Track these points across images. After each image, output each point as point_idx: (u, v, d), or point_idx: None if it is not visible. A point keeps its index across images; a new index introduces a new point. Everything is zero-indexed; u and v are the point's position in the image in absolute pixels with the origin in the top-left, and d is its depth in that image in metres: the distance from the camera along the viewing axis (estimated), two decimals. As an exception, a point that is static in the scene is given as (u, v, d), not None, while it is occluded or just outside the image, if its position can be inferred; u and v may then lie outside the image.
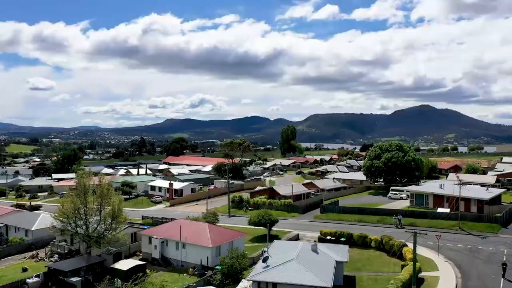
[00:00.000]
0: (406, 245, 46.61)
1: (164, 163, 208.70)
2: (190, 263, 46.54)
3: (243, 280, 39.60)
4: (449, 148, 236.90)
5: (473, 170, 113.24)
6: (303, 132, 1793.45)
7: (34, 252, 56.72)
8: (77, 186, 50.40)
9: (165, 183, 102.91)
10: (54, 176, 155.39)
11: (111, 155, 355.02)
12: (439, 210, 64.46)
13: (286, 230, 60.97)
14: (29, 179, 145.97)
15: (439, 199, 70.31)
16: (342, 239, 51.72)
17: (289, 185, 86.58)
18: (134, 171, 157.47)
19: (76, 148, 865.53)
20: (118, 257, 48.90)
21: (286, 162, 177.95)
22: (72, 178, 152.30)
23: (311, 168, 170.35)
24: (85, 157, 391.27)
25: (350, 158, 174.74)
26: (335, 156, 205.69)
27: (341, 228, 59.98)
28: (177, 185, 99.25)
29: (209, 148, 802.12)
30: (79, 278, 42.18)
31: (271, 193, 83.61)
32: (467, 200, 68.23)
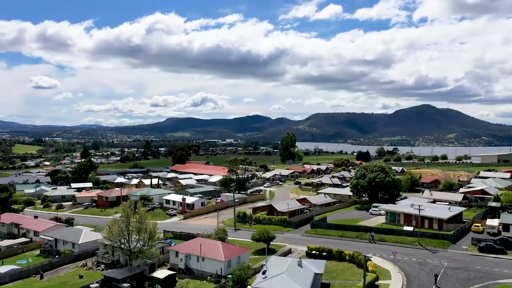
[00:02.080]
0: (370, 260, 62.34)
1: (172, 170, 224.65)
2: (208, 272, 62.31)
3: (248, 286, 55.22)
4: (438, 157, 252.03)
5: (449, 185, 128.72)
6: (304, 131, 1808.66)
7: (83, 262, 72.63)
8: (122, 214, 66.12)
9: (178, 197, 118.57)
10: (73, 185, 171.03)
11: (118, 159, 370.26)
12: (405, 228, 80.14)
13: (281, 244, 76.64)
14: (52, 189, 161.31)
15: (408, 217, 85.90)
16: (324, 253, 67.28)
17: (285, 202, 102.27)
18: (146, 181, 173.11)
19: (80, 147, 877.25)
20: (152, 267, 64.82)
21: (285, 172, 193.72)
22: (91, 188, 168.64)
23: (308, 178, 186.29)
24: (92, 159, 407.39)
25: (345, 169, 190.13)
26: (331, 165, 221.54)
27: (326, 242, 75.86)
28: (189, 200, 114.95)
29: (211, 148, 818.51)
30: (129, 284, 58.06)
31: (270, 209, 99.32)
32: (430, 219, 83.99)
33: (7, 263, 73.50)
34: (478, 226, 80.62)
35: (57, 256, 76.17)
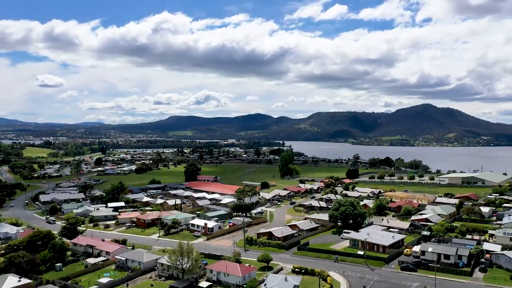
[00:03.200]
0: (329, 275, 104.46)
1: (187, 188, 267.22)
2: (231, 283, 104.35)
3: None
4: (415, 176, 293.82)
5: (407, 211, 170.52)
6: (305, 130, 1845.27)
7: (149, 275, 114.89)
8: (178, 246, 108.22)
9: (201, 222, 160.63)
10: (110, 204, 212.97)
11: (133, 169, 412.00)
12: (358, 252, 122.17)
13: (276, 263, 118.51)
14: (95, 209, 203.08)
15: (364, 243, 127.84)
16: (303, 270, 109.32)
17: (280, 229, 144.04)
18: (169, 201, 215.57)
19: (88, 150, 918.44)
20: (196, 279, 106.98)
21: (283, 192, 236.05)
22: (123, 207, 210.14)
23: (302, 197, 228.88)
24: (107, 169, 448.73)
25: (331, 191, 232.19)
26: (322, 184, 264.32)
27: (306, 261, 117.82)
28: (210, 224, 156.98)
29: (214, 150, 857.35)
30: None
31: (270, 235, 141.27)
32: (377, 245, 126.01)
33: (94, 277, 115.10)
34: (408, 251, 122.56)
35: (129, 271, 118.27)
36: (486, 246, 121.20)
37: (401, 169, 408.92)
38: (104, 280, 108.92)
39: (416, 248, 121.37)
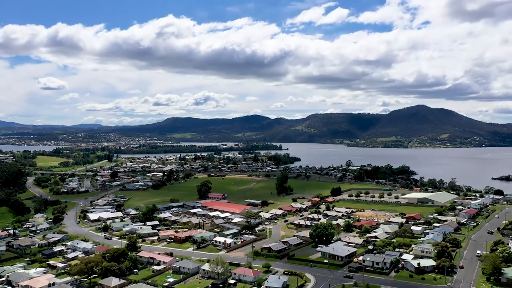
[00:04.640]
0: (305, 275, 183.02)
1: (203, 206, 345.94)
2: (247, 281, 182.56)
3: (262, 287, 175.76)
4: (384, 195, 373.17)
5: (366, 230, 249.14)
6: (302, 132, 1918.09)
7: (196, 277, 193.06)
8: (214, 260, 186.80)
9: (222, 239, 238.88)
10: (148, 223, 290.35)
11: (150, 185, 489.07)
12: (325, 260, 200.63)
13: (274, 268, 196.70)
14: (140, 227, 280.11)
15: (329, 255, 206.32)
16: (290, 272, 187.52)
17: (276, 245, 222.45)
18: (193, 220, 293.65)
19: (95, 157, 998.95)
20: (226, 279, 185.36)
21: (279, 212, 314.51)
22: (157, 225, 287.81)
23: (293, 215, 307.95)
24: (124, 182, 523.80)
25: (316, 211, 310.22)
26: (309, 203, 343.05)
27: (292, 267, 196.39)
28: (228, 241, 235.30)
29: (215, 157, 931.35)
30: (222, 286, 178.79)
31: (269, 249, 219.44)
32: (337, 256, 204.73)
33: (162, 278, 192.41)
34: (356, 259, 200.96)
35: (183, 274, 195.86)
36: (405, 256, 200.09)
37: (381, 182, 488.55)
38: (170, 279, 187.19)
39: (361, 258, 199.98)
